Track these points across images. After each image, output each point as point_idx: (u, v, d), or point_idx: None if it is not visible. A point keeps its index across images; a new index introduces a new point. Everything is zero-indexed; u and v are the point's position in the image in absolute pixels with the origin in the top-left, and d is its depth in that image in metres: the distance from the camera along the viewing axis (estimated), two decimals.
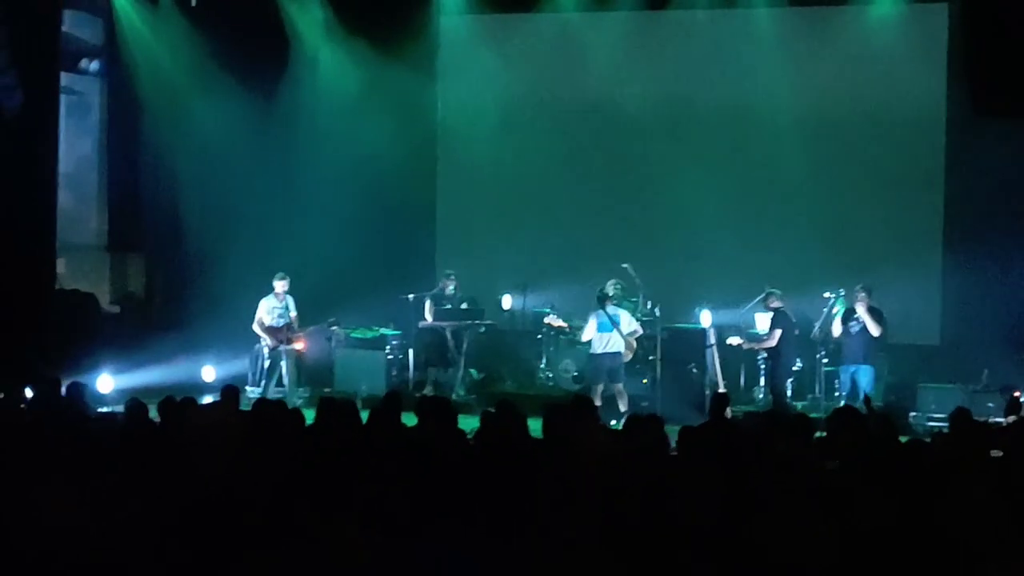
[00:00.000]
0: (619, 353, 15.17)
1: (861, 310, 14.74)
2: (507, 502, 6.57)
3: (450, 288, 17.10)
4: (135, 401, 9.50)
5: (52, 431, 8.79)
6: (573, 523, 6.24)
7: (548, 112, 18.85)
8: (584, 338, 15.47)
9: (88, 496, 6.60)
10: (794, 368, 15.84)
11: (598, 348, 15.16)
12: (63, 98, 17.80)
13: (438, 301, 16.97)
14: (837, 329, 15.04)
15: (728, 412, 11.16)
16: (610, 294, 15.39)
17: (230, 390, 10.71)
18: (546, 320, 16.94)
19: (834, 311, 15.15)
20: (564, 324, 16.80)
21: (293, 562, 5.97)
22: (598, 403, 13.65)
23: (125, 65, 18.11)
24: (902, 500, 6.52)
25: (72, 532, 6.20)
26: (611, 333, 15.11)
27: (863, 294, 14.78)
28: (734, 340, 15.70)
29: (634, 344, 15.43)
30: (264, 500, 6.61)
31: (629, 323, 15.36)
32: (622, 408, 14.80)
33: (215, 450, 7.86)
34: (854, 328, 14.83)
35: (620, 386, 15.12)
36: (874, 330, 14.72)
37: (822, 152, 17.70)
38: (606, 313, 15.14)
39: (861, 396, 14.15)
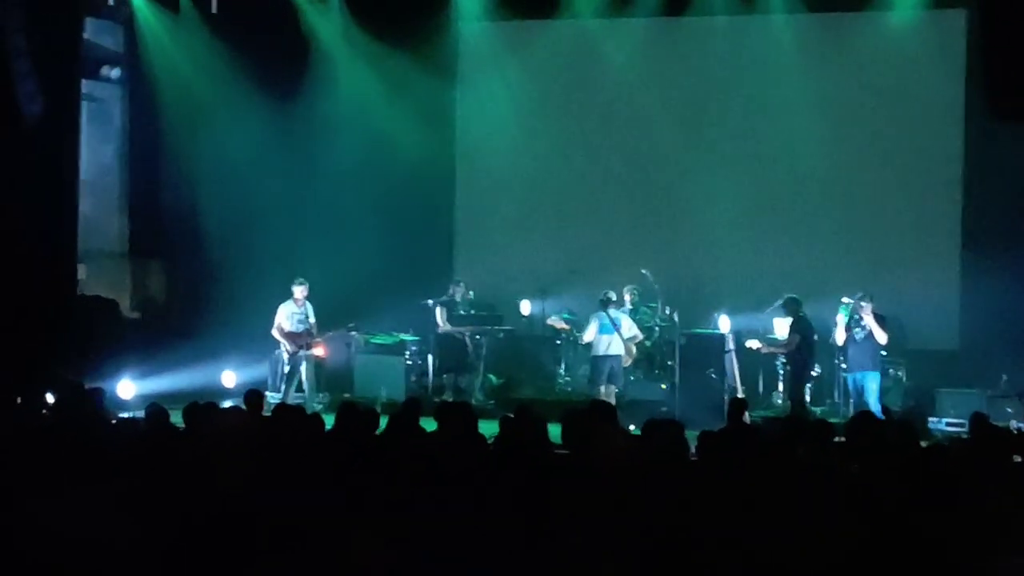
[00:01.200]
0: (619, 356, 15.23)
1: (868, 317, 14.64)
2: (526, 507, 6.59)
3: (459, 294, 17.13)
4: (155, 406, 9.54)
5: (72, 436, 8.83)
6: (592, 528, 6.25)
7: (567, 118, 18.89)
8: (585, 339, 15.52)
9: (107, 501, 6.63)
10: (813, 373, 15.80)
11: (600, 350, 15.22)
12: (84, 105, 17.86)
13: (451, 307, 17.00)
14: (841, 337, 14.91)
15: (746, 417, 11.17)
16: (613, 298, 15.41)
17: (254, 395, 10.74)
18: (548, 321, 16.99)
19: (838, 318, 15.00)
20: (566, 326, 16.84)
21: (312, 567, 6.00)
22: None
23: (146, 72, 18.18)
24: (922, 505, 6.52)
25: (90, 537, 6.23)
26: (612, 335, 15.17)
27: (866, 301, 14.70)
28: (753, 343, 15.66)
29: (633, 349, 15.45)
30: (283, 504, 6.64)
31: (630, 328, 15.41)
32: None
33: (235, 455, 7.88)
34: (859, 335, 14.71)
35: (613, 388, 15.16)
36: (881, 337, 14.62)
37: (841, 157, 17.71)
38: (608, 315, 15.18)
39: (871, 405, 14.12)
